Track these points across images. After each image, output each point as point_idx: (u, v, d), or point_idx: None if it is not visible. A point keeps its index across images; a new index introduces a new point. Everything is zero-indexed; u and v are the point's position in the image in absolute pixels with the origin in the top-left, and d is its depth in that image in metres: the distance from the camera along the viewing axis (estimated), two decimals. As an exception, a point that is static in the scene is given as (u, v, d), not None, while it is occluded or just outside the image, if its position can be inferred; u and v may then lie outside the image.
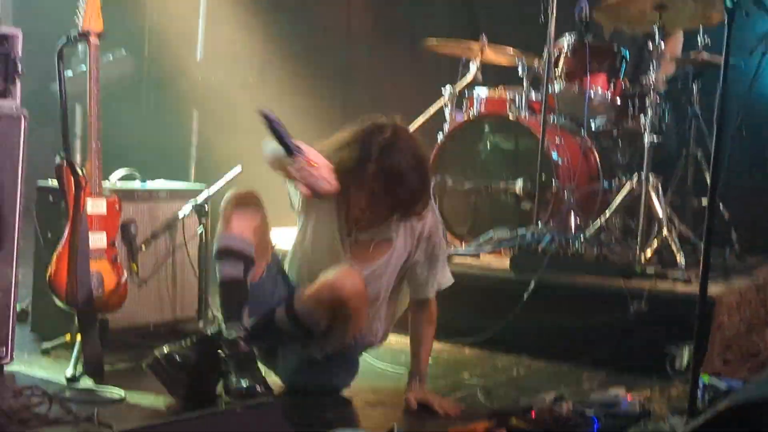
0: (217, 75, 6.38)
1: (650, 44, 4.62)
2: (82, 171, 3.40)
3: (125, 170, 4.21)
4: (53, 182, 3.58)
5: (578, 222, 4.77)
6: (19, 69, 3.29)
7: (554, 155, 4.82)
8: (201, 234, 4.02)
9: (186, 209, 4.05)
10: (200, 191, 4.09)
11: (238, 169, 4.05)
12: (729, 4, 2.78)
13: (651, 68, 4.60)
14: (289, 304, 3.17)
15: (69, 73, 4.66)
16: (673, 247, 4.39)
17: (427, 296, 3.34)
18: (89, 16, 3.58)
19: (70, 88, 3.58)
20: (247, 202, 3.20)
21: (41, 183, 3.86)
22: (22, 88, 3.36)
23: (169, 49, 6.45)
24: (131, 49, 5.86)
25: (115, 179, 4.15)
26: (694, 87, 4.84)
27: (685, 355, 3.65)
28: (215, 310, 3.98)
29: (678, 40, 5.27)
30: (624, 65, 5.10)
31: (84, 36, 3.56)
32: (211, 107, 6.42)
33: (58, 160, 3.38)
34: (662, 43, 4.58)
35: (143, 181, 4.21)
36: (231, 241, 3.13)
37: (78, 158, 4.33)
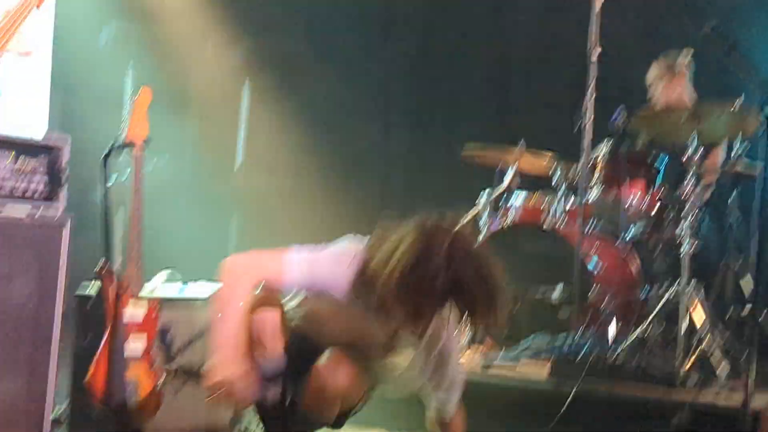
0: (256, 181, 6.48)
1: (688, 154, 4.63)
2: (121, 277, 3.45)
3: (167, 272, 4.24)
4: (93, 287, 3.62)
5: (617, 331, 4.71)
6: (65, 176, 3.36)
7: (592, 263, 4.79)
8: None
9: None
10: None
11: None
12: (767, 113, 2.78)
13: (688, 177, 4.60)
14: (295, 410, 2.93)
15: (113, 179, 4.76)
16: (715, 358, 4.31)
17: (450, 415, 3.22)
18: (135, 124, 3.68)
19: (113, 194, 3.66)
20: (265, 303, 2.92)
21: (81, 288, 3.91)
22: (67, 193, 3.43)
23: (210, 155, 6.59)
24: (173, 154, 5.99)
25: (157, 282, 4.18)
26: (733, 195, 4.82)
27: (730, 472, 3.55)
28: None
29: (719, 151, 5.28)
30: (662, 173, 5.11)
31: (129, 144, 3.65)
32: (250, 212, 6.51)
33: (98, 265, 3.43)
34: (699, 152, 4.59)
35: (185, 282, 4.24)
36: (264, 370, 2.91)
37: (119, 262, 4.39)
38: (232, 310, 2.87)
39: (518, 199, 5.37)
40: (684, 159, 4.66)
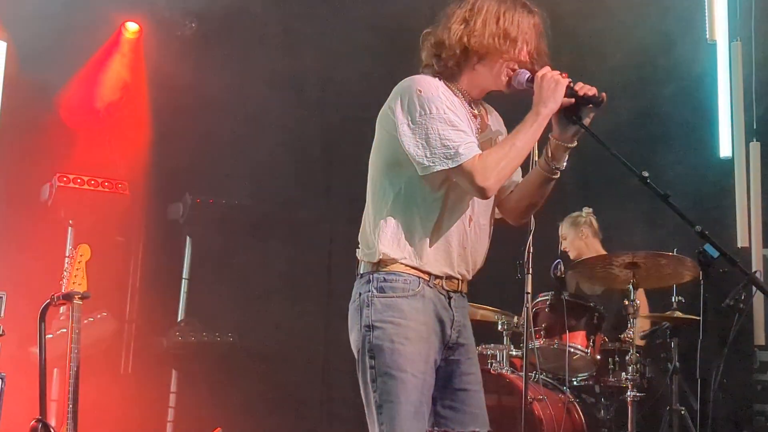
0: (197, 335, 6.38)
1: (625, 301, 4.71)
2: (56, 435, 3.33)
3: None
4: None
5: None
6: (1, 330, 3.29)
7: (537, 412, 4.75)
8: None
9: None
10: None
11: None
12: (708, 255, 2.75)
13: (629, 325, 4.66)
14: None
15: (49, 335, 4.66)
16: None
17: None
18: (74, 278, 3.63)
19: (49, 350, 3.57)
20: None
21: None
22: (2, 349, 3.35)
23: (150, 310, 6.48)
24: (113, 310, 5.90)
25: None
26: (672, 343, 4.87)
27: None
28: None
29: (641, 296, 5.37)
30: (602, 322, 5.16)
31: (68, 298, 3.59)
32: (190, 368, 6.37)
33: (33, 423, 3.31)
34: (637, 300, 4.67)
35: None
36: None
37: (54, 422, 4.24)
38: None
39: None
40: (622, 306, 4.73)
